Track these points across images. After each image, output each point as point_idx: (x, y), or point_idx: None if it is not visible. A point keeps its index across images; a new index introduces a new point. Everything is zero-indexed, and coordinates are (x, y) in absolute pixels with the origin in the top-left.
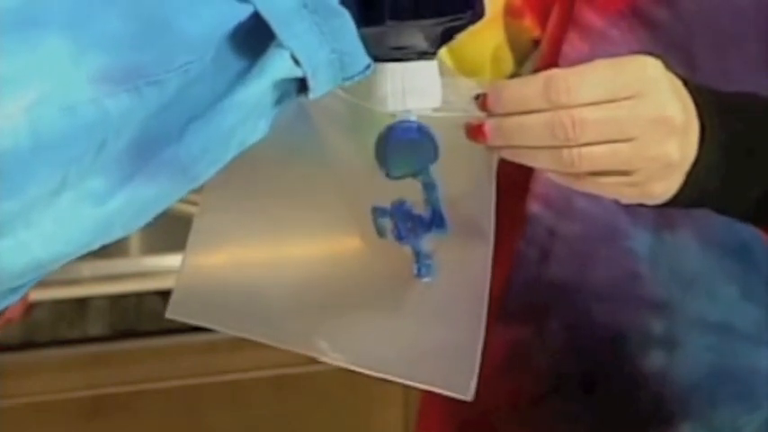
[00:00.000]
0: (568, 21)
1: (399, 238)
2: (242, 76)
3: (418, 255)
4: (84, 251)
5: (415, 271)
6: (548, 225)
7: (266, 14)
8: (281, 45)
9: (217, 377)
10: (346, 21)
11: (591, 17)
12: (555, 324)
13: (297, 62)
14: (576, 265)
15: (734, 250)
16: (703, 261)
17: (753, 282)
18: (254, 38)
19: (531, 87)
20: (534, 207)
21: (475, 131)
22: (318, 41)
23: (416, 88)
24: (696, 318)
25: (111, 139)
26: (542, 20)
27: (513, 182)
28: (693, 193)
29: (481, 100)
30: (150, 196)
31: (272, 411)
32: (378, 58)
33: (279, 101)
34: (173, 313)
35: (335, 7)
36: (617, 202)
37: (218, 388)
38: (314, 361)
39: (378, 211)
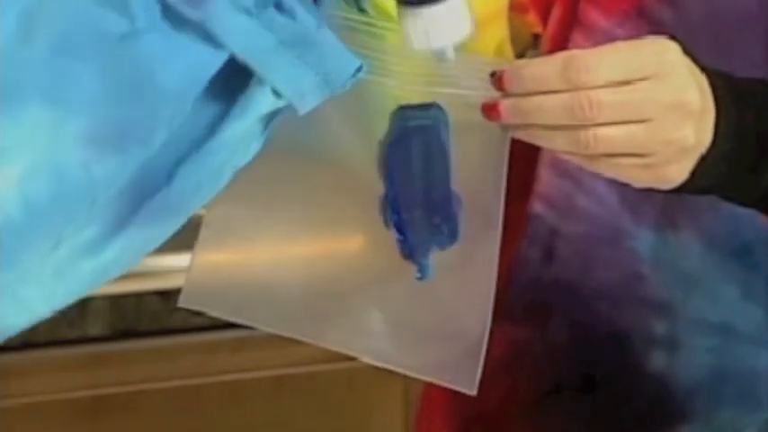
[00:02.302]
0: (571, 19)
1: (406, 255)
2: (225, 116)
3: (421, 264)
4: (82, 296)
5: (417, 275)
6: (550, 225)
7: (244, 57)
8: (261, 82)
9: (217, 377)
10: (327, 45)
11: (596, 17)
12: (557, 324)
13: (278, 94)
14: (579, 265)
15: (735, 251)
16: (705, 262)
17: (754, 283)
18: (233, 77)
19: (549, 67)
20: (537, 207)
21: (490, 110)
22: (302, 71)
23: (441, 27)
24: (698, 318)
25: (102, 195)
26: (544, 16)
27: (516, 182)
28: (706, 179)
29: (497, 78)
30: (145, 238)
31: (272, 411)
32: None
33: (268, 123)
34: (185, 303)
35: (314, 38)
36: (620, 202)
37: (218, 388)
38: (314, 361)
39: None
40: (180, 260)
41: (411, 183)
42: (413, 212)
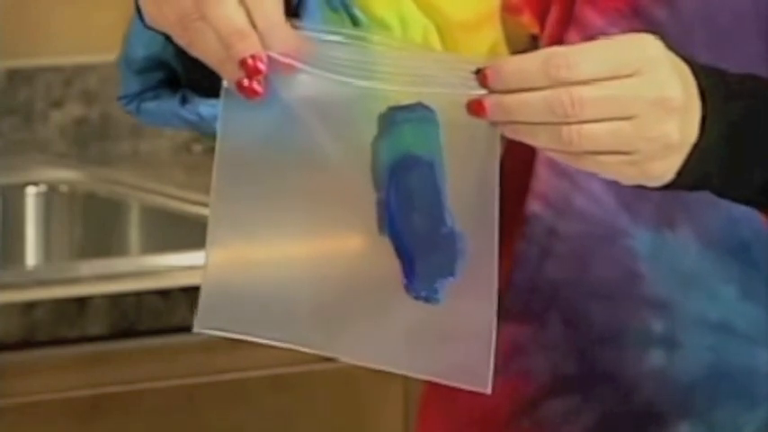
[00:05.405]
0: (568, 19)
1: (414, 297)
2: None
3: (430, 298)
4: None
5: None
6: (547, 224)
7: None
8: None
9: (216, 376)
10: None
11: (591, 16)
12: (554, 323)
13: None
14: (576, 264)
15: (733, 249)
16: (703, 260)
17: (752, 281)
18: None
19: (530, 63)
20: (534, 206)
21: (475, 107)
22: None
23: None
24: (696, 317)
25: None
26: (541, 16)
27: (513, 181)
28: (695, 175)
29: (481, 75)
30: None
31: (272, 411)
32: None
33: None
34: (200, 327)
35: None
36: (617, 201)
37: (218, 387)
38: (313, 360)
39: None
40: (180, 259)
41: (411, 224)
42: (417, 256)
